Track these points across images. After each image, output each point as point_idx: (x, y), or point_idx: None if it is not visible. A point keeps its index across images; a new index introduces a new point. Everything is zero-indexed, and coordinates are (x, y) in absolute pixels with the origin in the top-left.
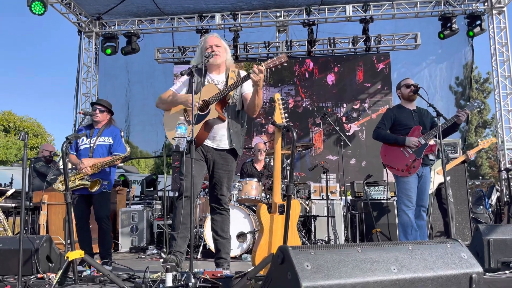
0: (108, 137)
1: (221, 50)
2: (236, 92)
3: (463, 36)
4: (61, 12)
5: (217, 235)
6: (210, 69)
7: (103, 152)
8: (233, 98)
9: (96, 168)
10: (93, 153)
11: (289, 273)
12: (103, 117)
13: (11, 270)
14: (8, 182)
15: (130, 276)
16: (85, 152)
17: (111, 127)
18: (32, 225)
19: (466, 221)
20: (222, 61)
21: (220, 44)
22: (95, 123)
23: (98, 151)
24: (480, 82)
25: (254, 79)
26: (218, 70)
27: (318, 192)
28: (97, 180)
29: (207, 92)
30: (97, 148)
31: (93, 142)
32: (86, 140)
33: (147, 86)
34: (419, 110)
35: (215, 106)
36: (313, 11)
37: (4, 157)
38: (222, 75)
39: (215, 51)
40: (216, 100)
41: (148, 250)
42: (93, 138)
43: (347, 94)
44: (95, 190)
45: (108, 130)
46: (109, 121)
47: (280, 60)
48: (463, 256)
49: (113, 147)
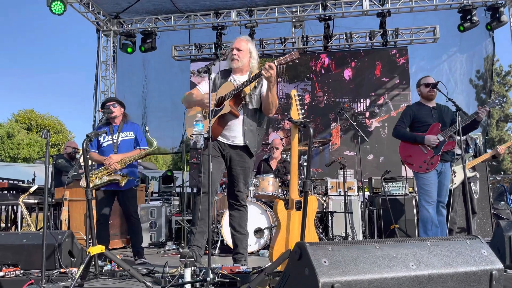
0: (130, 131)
1: (241, 55)
2: (255, 92)
3: (483, 28)
4: (80, 12)
5: (234, 231)
6: (234, 70)
7: (128, 147)
8: (249, 97)
9: (123, 163)
10: (117, 149)
11: (306, 269)
12: (118, 112)
13: (35, 264)
14: (31, 179)
15: (149, 271)
16: (109, 149)
17: (129, 122)
18: (54, 220)
19: (487, 217)
20: (243, 65)
21: (241, 47)
22: (112, 119)
23: (123, 147)
24: (501, 75)
25: (265, 75)
26: (241, 72)
27: (335, 188)
28: (126, 174)
29: (224, 90)
30: (121, 144)
31: (115, 138)
32: (108, 137)
33: (163, 83)
34: (439, 107)
35: (229, 101)
36: (329, 6)
37: (28, 155)
38: (246, 76)
39: (234, 55)
40: (230, 96)
41: (167, 246)
42: (114, 134)
43: (364, 89)
44: (123, 185)
45: (127, 125)
46: (124, 115)
47: (292, 57)
48: (483, 252)
49: (139, 142)
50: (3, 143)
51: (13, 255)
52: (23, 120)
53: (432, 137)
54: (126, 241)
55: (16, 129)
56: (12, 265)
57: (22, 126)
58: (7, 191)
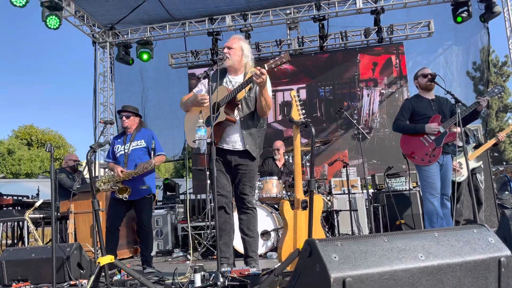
0: (141, 140)
1: (232, 52)
2: (251, 94)
3: (478, 20)
4: (75, 25)
5: (243, 234)
6: (228, 70)
7: (139, 155)
8: (245, 100)
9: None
10: (127, 159)
11: (317, 265)
12: (131, 122)
13: (44, 278)
14: (35, 194)
15: (159, 279)
16: (121, 159)
17: (141, 130)
18: (61, 234)
19: (492, 208)
20: (235, 63)
21: (232, 45)
22: (126, 129)
23: (133, 156)
24: (498, 66)
25: (257, 81)
26: (235, 71)
27: (339, 187)
28: (127, 187)
29: (219, 94)
30: (131, 153)
31: (127, 148)
32: (121, 147)
33: (162, 91)
34: (438, 99)
35: (224, 108)
36: (323, 6)
37: (29, 170)
38: (240, 76)
39: (225, 53)
40: (224, 102)
41: (174, 253)
42: (126, 144)
43: (362, 87)
44: (122, 197)
45: (139, 134)
46: (139, 124)
47: (282, 59)
48: (491, 240)
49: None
50: (4, 160)
51: (22, 270)
52: (23, 136)
53: (432, 125)
54: (133, 251)
55: (16, 145)
56: (22, 280)
57: (22, 142)
58: (12, 207)
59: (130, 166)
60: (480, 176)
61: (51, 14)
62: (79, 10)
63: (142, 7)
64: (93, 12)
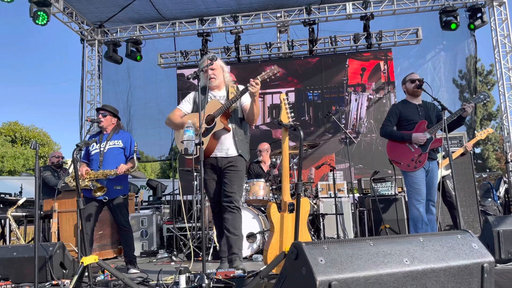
0: (118, 140)
1: (216, 73)
2: (237, 104)
3: (465, 28)
4: (64, 22)
5: (229, 232)
6: (211, 88)
7: (115, 155)
8: (234, 110)
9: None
10: (103, 157)
11: (303, 268)
12: (107, 122)
13: (26, 277)
14: (18, 192)
15: (143, 280)
16: (96, 157)
17: (120, 131)
18: (43, 233)
19: (475, 214)
20: (220, 81)
21: (214, 66)
22: (103, 128)
23: (109, 155)
24: (483, 75)
25: (252, 91)
26: (218, 88)
27: (325, 190)
28: (103, 186)
29: (212, 107)
30: (108, 152)
31: (103, 146)
32: (96, 146)
33: (149, 90)
34: (425, 104)
35: (220, 118)
36: (314, 10)
37: (12, 167)
38: (223, 91)
39: (211, 75)
40: (220, 113)
41: (159, 254)
42: (103, 143)
43: (350, 91)
44: (98, 196)
45: (117, 134)
46: (117, 125)
47: (273, 71)
48: (474, 246)
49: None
50: None
51: (3, 269)
52: (7, 133)
53: (419, 135)
54: (117, 251)
55: None
56: (3, 279)
57: (6, 139)
58: None
59: (106, 165)
60: (450, 183)
61: (39, 10)
62: (68, 7)
63: (132, 6)
64: (82, 9)
